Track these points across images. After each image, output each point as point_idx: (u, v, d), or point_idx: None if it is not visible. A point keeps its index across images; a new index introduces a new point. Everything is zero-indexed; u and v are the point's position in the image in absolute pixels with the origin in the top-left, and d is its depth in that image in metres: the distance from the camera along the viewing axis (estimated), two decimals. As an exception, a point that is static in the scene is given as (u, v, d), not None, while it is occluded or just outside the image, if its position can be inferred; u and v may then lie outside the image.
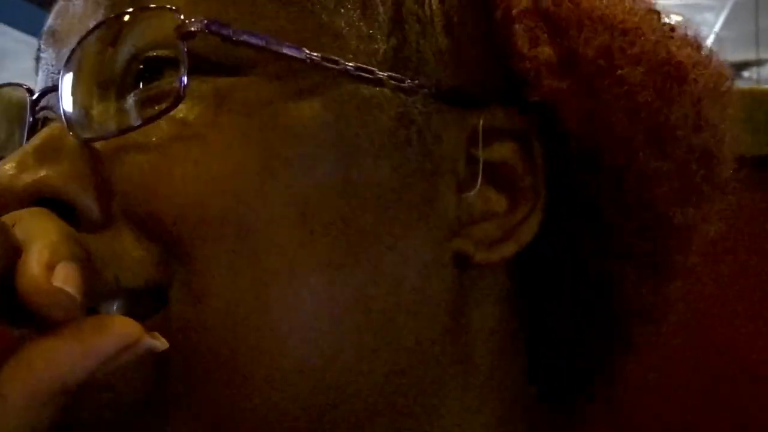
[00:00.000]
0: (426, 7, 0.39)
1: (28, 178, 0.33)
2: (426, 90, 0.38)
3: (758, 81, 5.68)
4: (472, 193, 0.38)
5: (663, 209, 0.40)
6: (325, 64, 0.35)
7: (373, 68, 0.36)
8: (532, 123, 0.39)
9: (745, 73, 5.68)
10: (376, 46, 0.37)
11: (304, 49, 0.35)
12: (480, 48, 0.40)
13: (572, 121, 0.39)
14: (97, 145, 0.35)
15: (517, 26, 0.39)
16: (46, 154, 0.34)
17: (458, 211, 0.38)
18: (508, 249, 0.39)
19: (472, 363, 0.40)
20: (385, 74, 0.37)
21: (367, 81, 0.36)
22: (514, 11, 0.39)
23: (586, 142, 0.39)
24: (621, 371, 0.46)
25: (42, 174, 0.34)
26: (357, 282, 0.36)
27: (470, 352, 0.39)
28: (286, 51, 0.35)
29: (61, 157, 0.34)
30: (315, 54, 0.35)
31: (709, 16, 5.06)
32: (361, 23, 0.37)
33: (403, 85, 0.37)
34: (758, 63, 5.41)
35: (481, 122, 0.38)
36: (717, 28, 5.18)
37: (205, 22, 0.34)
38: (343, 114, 0.36)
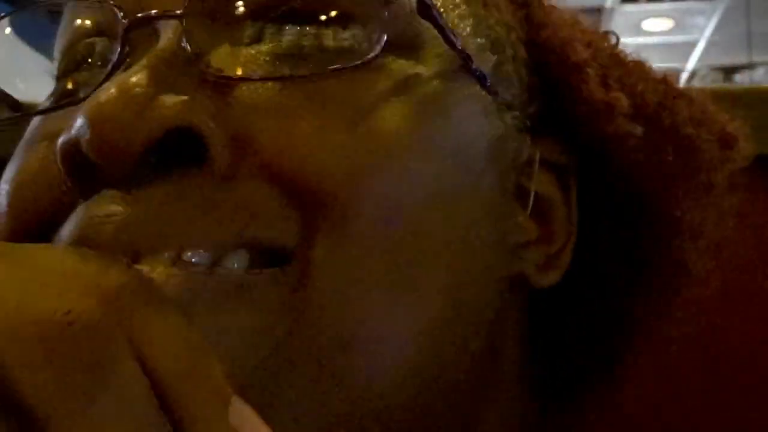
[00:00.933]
0: (504, 36, 0.40)
1: (170, 101, 0.29)
2: (515, 110, 0.39)
3: (751, 85, 5.71)
4: (519, 219, 0.39)
5: (690, 259, 0.43)
6: (469, 64, 0.35)
7: (487, 77, 0.37)
8: (572, 159, 0.41)
9: (737, 77, 5.70)
10: (486, 59, 0.37)
11: (464, 46, 0.35)
12: (530, 82, 0.41)
13: (630, 166, 0.40)
14: (233, 89, 0.31)
15: (589, 71, 0.40)
16: (177, 80, 0.30)
17: (511, 235, 0.38)
18: (555, 275, 0.40)
19: (505, 376, 0.40)
20: (493, 85, 0.37)
21: (486, 89, 0.37)
22: (577, 58, 0.40)
23: (636, 187, 0.41)
24: (621, 374, 0.47)
25: (184, 99, 0.29)
26: (458, 289, 0.35)
27: (504, 366, 0.40)
28: (459, 45, 0.35)
29: (194, 89, 0.30)
30: (467, 52, 0.35)
31: (700, 20, 5.08)
32: (476, 37, 0.37)
33: (503, 99, 0.38)
34: (750, 66, 5.43)
35: (539, 152, 0.39)
36: (708, 32, 5.21)
37: None
38: (471, 114, 0.36)
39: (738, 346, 0.59)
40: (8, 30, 0.39)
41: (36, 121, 0.36)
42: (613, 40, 0.44)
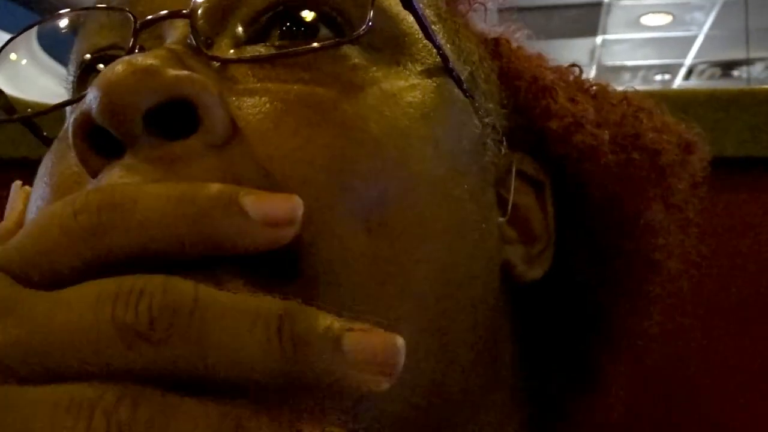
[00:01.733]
0: (476, 59, 0.42)
1: (174, 71, 0.30)
2: (489, 120, 0.40)
3: (748, 80, 5.71)
4: (499, 222, 0.40)
5: (660, 258, 0.46)
6: (447, 63, 0.37)
7: (463, 81, 0.38)
8: (546, 174, 0.44)
9: (735, 72, 5.71)
10: (461, 68, 0.39)
11: (445, 45, 0.38)
12: (502, 102, 0.44)
13: (600, 171, 0.43)
14: (232, 72, 0.33)
15: (558, 90, 0.44)
16: (183, 62, 0.31)
17: (495, 227, 0.40)
18: (539, 270, 0.41)
19: (501, 377, 0.40)
20: (469, 90, 0.39)
21: (462, 90, 0.38)
22: (546, 81, 0.45)
23: (606, 192, 0.44)
24: (601, 378, 0.48)
25: (187, 72, 0.30)
26: (449, 268, 0.35)
27: (499, 368, 0.40)
28: (438, 42, 0.36)
29: (200, 69, 0.31)
30: (449, 53, 0.37)
31: (698, 15, 5.08)
32: (452, 48, 0.39)
33: (479, 105, 0.40)
34: (748, 62, 5.44)
35: (515, 164, 0.42)
36: (707, 27, 5.21)
37: None
38: (451, 110, 0.37)
39: (709, 350, 0.59)
40: (14, 56, 0.39)
41: (62, 133, 0.37)
42: (576, 72, 0.48)
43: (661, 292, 0.46)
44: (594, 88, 0.47)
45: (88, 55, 0.38)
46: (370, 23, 0.33)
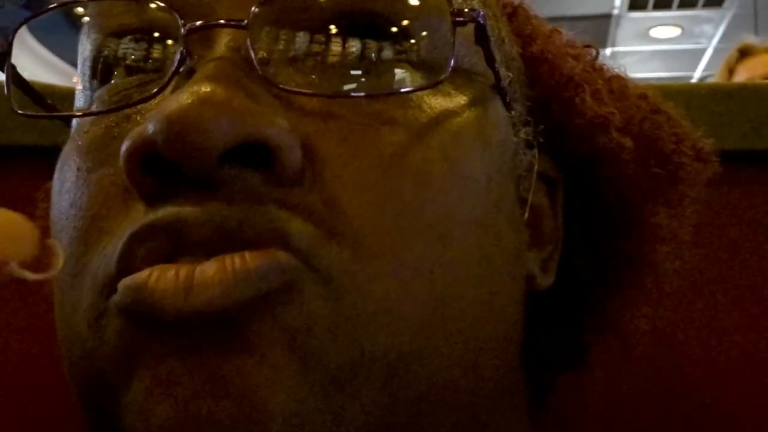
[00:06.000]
0: (513, 53, 0.41)
1: (251, 113, 0.29)
2: (525, 126, 0.40)
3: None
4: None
5: (659, 260, 0.46)
6: (500, 82, 0.36)
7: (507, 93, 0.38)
8: (560, 175, 0.43)
9: (745, 85, 5.68)
10: (504, 75, 0.38)
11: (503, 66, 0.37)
12: (527, 98, 0.42)
13: (619, 177, 0.43)
14: (302, 103, 0.32)
15: (583, 84, 0.43)
16: (249, 88, 0.30)
17: (524, 240, 0.40)
18: (551, 277, 0.41)
19: (517, 380, 0.40)
20: (510, 102, 0.39)
21: (505, 105, 0.38)
22: (570, 71, 0.43)
23: (620, 197, 0.44)
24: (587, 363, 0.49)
25: (263, 111, 0.30)
26: (495, 308, 0.35)
27: (510, 371, 0.40)
28: (497, 67, 0.36)
29: (267, 99, 0.31)
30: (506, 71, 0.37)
31: (707, 28, 5.07)
32: (500, 59, 0.38)
33: (517, 114, 0.39)
34: (757, 75, 5.42)
35: (536, 166, 0.41)
36: (716, 40, 5.20)
37: (481, 13, 0.33)
38: (500, 134, 0.37)
39: (708, 346, 0.59)
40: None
41: (85, 126, 0.35)
42: (593, 53, 0.46)
43: (654, 289, 0.47)
44: (613, 81, 0.45)
45: (103, 42, 0.35)
46: (451, 66, 0.33)
